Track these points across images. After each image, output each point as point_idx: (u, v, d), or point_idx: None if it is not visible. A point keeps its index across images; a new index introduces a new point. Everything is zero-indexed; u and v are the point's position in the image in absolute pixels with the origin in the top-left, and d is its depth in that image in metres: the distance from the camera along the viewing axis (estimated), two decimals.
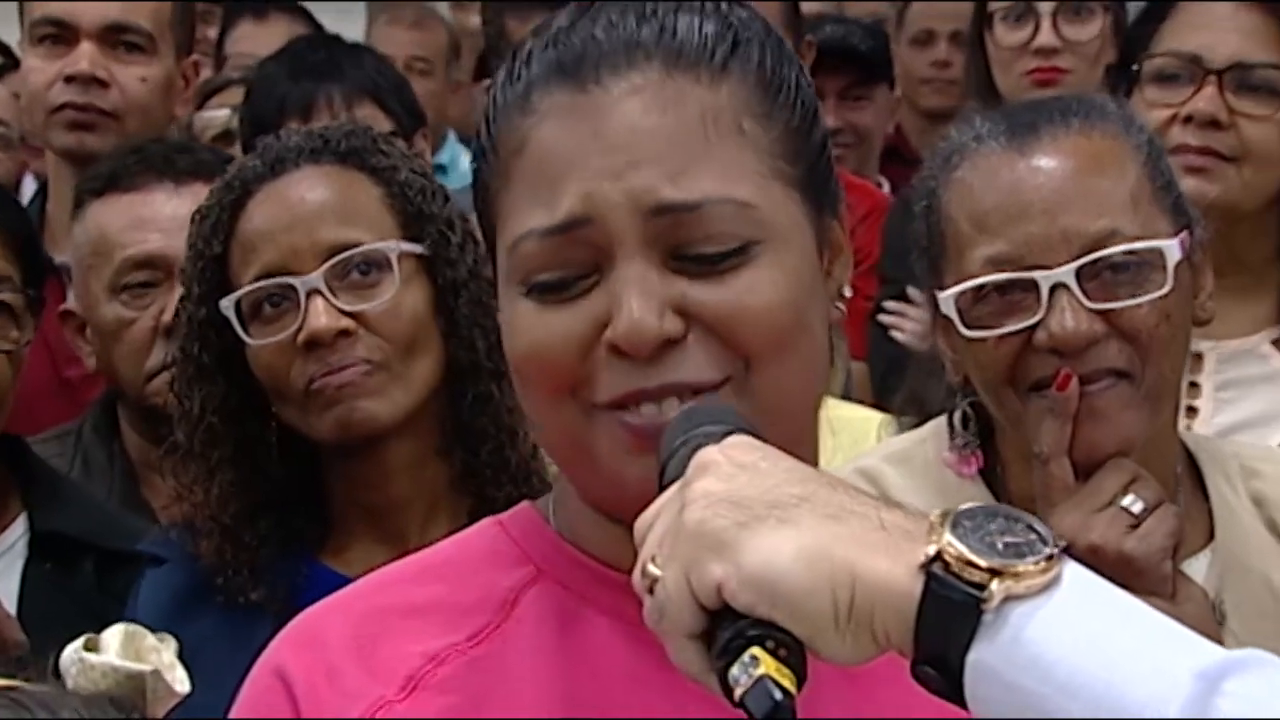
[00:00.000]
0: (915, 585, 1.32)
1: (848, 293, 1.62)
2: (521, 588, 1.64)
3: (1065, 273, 2.13)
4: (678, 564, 1.37)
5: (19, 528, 2.61)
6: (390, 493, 2.31)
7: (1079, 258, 2.14)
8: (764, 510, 1.36)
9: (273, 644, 1.62)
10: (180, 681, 1.46)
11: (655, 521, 1.41)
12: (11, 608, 2.45)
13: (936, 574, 1.31)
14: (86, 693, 1.44)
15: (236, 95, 4.07)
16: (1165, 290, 2.14)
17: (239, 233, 2.35)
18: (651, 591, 1.40)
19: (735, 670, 1.35)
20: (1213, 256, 2.45)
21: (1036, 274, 2.13)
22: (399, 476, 2.31)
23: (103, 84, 3.46)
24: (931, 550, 1.31)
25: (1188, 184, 2.45)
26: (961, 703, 1.34)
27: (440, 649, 1.60)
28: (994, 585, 1.30)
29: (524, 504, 1.71)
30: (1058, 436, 2.09)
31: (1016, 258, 2.15)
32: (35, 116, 3.54)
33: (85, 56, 3.46)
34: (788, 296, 1.53)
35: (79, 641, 1.44)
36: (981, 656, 1.31)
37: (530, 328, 1.54)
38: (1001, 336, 2.11)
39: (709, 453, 1.41)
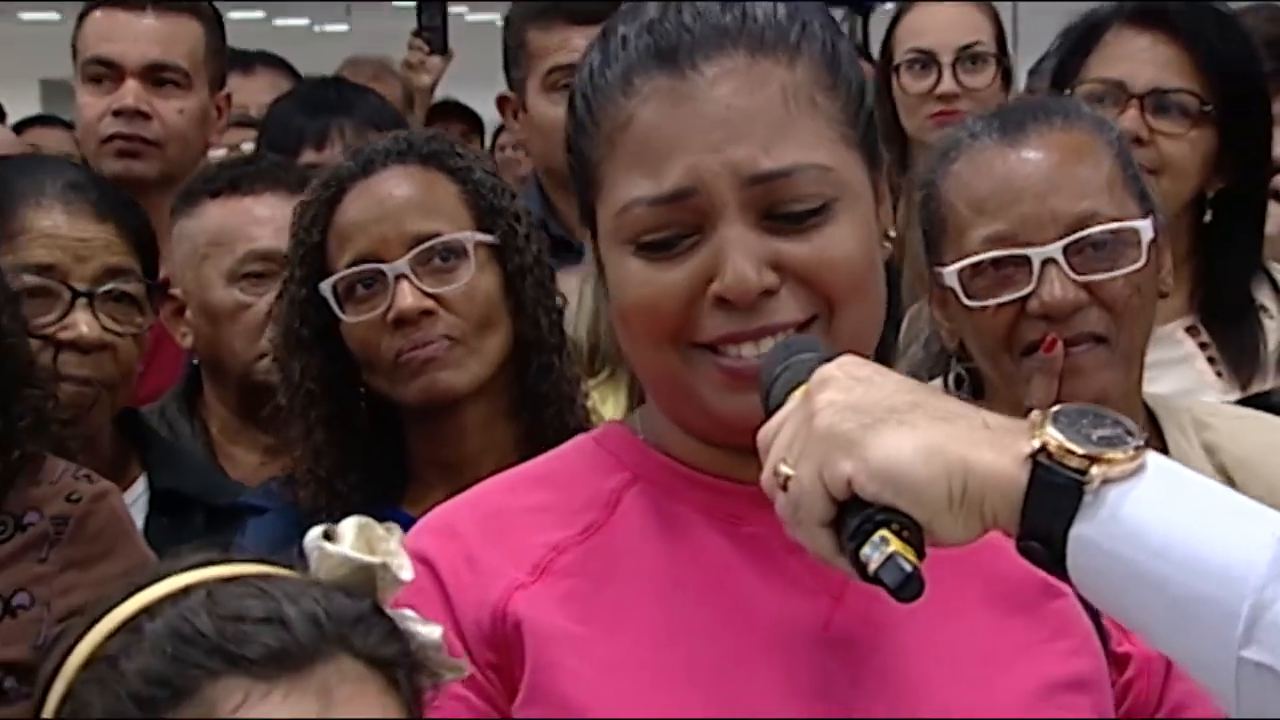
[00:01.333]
0: (1022, 473, 1.40)
1: (892, 233, 1.72)
2: (622, 489, 1.71)
3: (1054, 249, 2.23)
4: (811, 462, 1.46)
5: (140, 487, 2.73)
6: (464, 450, 2.42)
7: (1065, 236, 2.24)
8: (884, 414, 1.45)
9: (410, 536, 1.63)
10: (404, 569, 1.49)
11: (781, 430, 1.50)
12: None
13: (1042, 462, 1.39)
14: (326, 580, 1.47)
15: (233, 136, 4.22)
16: (1140, 264, 2.25)
17: (335, 224, 2.47)
18: (784, 489, 1.48)
19: (867, 549, 1.43)
20: None
21: (1029, 250, 2.23)
22: (472, 436, 2.44)
23: (145, 116, 3.65)
24: (1037, 443, 1.39)
25: None
26: (1063, 572, 1.42)
27: (559, 540, 1.67)
28: (1093, 470, 1.38)
29: (611, 422, 1.80)
30: (1046, 392, 2.16)
31: (1011, 236, 2.25)
32: (88, 146, 3.71)
33: (130, 92, 3.66)
34: (863, 247, 1.64)
35: (318, 530, 1.48)
36: (1083, 531, 1.39)
37: (640, 282, 1.63)
38: (999, 305, 2.20)
39: (828, 369, 1.50)
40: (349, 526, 1.46)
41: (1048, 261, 2.23)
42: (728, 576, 1.66)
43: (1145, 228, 2.27)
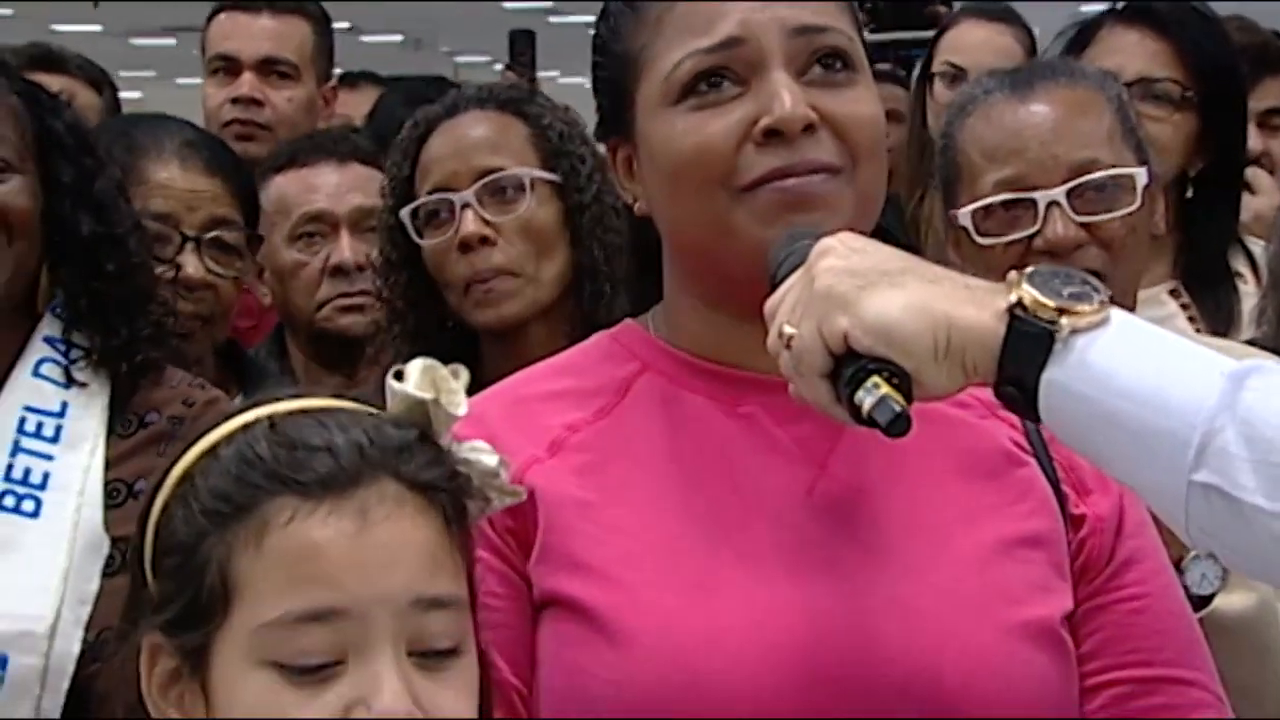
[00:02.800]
0: (1000, 325, 1.47)
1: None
2: (632, 377, 1.78)
3: (1058, 193, 2.31)
4: (811, 320, 1.53)
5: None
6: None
7: (1068, 180, 2.32)
8: (877, 277, 1.51)
9: None
10: (458, 405, 1.53)
11: (785, 297, 1.57)
12: None
13: (1018, 315, 1.46)
14: (393, 414, 1.53)
15: None
16: (1134, 207, 2.34)
17: (421, 159, 2.63)
18: (788, 347, 1.55)
19: (860, 394, 1.50)
20: None
21: (1035, 194, 2.32)
22: (536, 354, 2.38)
23: (259, 104, 3.99)
24: (1014, 298, 1.46)
25: None
26: (1035, 415, 1.48)
27: (574, 420, 1.75)
28: (1063, 321, 1.45)
29: (627, 320, 1.85)
30: None
31: (1019, 180, 2.33)
32: (211, 130, 3.85)
33: (246, 83, 4.00)
34: (879, 112, 1.73)
35: (393, 370, 1.54)
36: (1053, 376, 1.46)
37: (689, 131, 1.69)
38: (1007, 244, 2.29)
39: (827, 241, 1.58)
40: (415, 367, 1.53)
41: (1052, 204, 2.32)
42: (724, 450, 1.72)
43: (1140, 174, 2.35)
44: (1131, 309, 2.34)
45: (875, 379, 1.49)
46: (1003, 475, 1.73)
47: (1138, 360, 1.45)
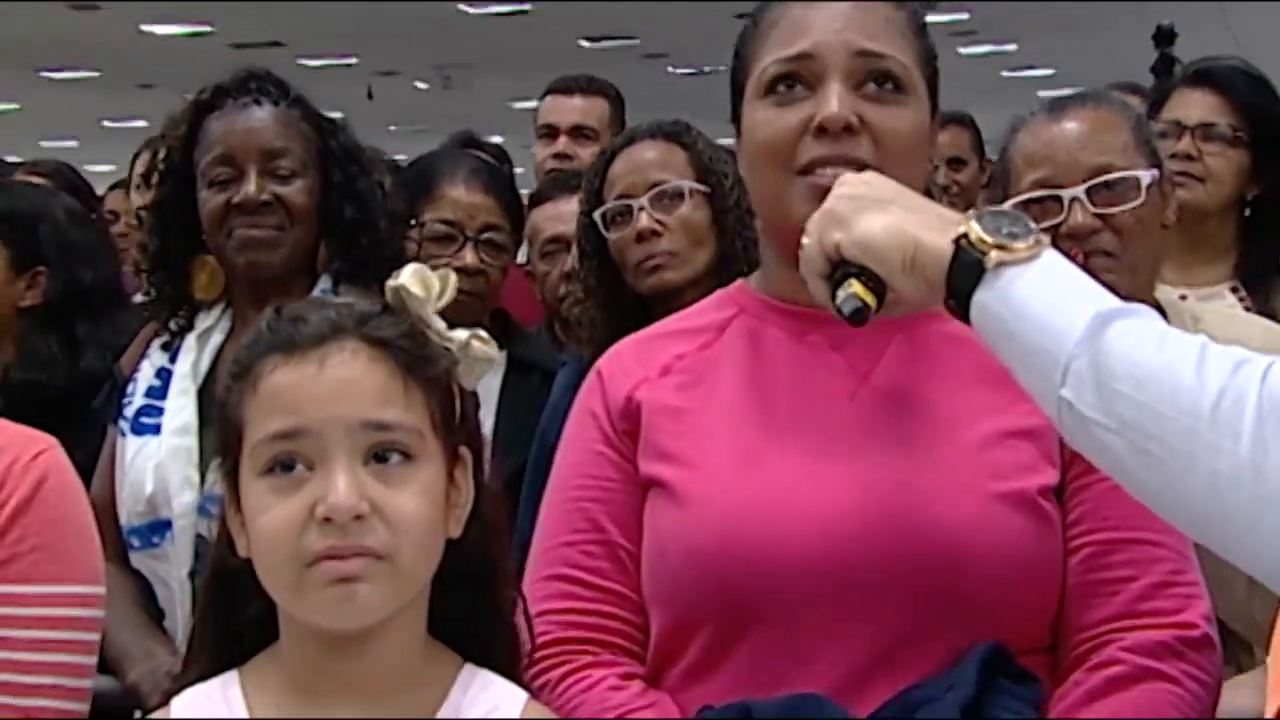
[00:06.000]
0: (950, 250, 1.54)
1: (935, 163, 1.90)
2: (730, 319, 1.90)
3: (1079, 190, 2.46)
4: (816, 233, 1.62)
5: (502, 357, 3.11)
6: None
7: (1087, 180, 2.46)
8: (870, 203, 1.60)
9: (601, 359, 1.94)
10: (432, 297, 1.63)
11: (814, 217, 1.66)
12: (494, 401, 3.08)
13: (962, 244, 1.53)
14: (383, 303, 1.64)
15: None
16: (1139, 202, 2.46)
17: (608, 175, 2.96)
18: (803, 250, 1.64)
19: (839, 292, 1.59)
20: (1190, 239, 2.93)
21: (1061, 191, 2.46)
22: None
23: (570, 158, 4.39)
24: (963, 230, 1.54)
25: (1180, 194, 2.77)
26: (968, 323, 1.54)
27: (683, 351, 1.89)
28: (994, 254, 1.52)
29: (739, 279, 1.97)
30: None
31: (1050, 180, 2.48)
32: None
33: (561, 145, 4.49)
34: (919, 133, 1.81)
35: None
36: (981, 296, 1.53)
37: (767, 122, 1.80)
38: (1041, 230, 2.34)
39: (847, 175, 1.68)
40: (407, 269, 1.65)
41: (1074, 199, 2.46)
42: (789, 369, 1.83)
43: (1145, 176, 2.48)
44: (1147, 282, 2.54)
45: (852, 281, 1.57)
46: (1008, 383, 1.69)
47: (1044, 292, 1.49)
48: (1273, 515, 1.34)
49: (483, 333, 1.64)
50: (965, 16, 15.49)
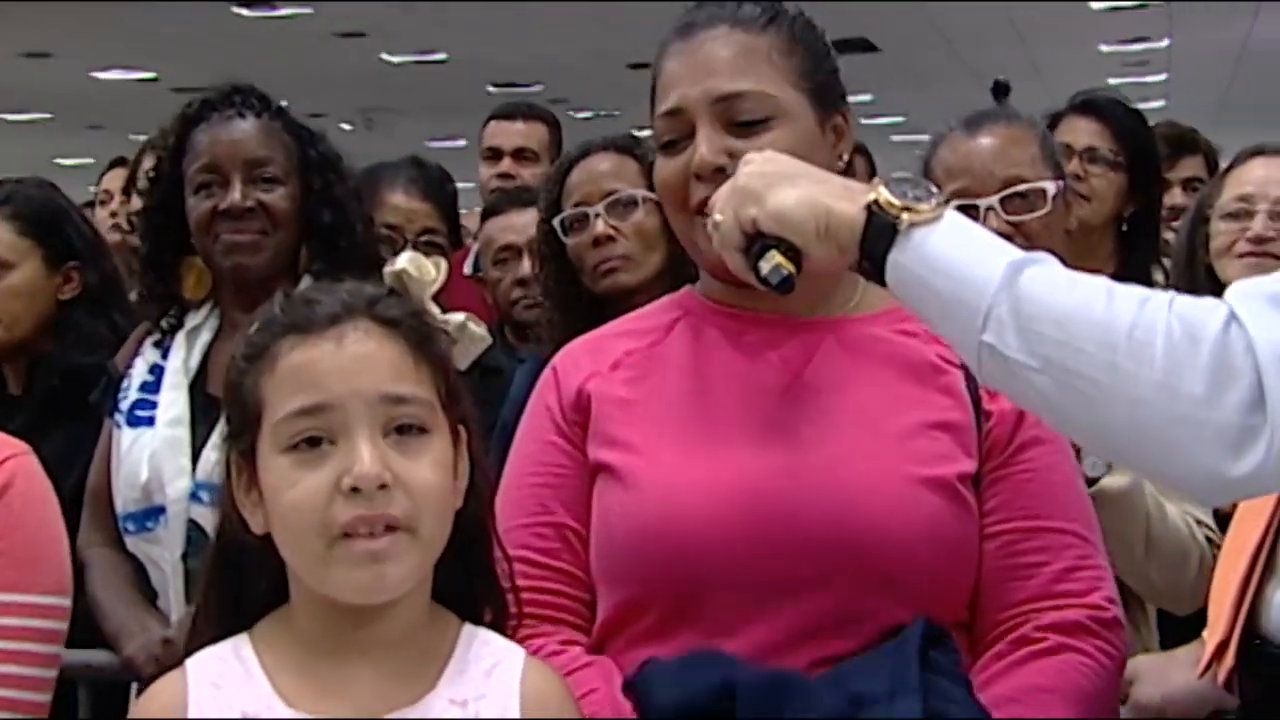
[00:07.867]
0: (862, 216, 1.54)
1: (845, 158, 1.85)
2: (676, 320, 1.92)
3: (993, 200, 2.55)
4: (730, 208, 1.61)
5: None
6: None
7: (1000, 191, 2.55)
8: (779, 179, 1.59)
9: (555, 358, 1.92)
10: (427, 280, 1.62)
11: (720, 194, 1.65)
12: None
13: (874, 210, 1.53)
14: (386, 286, 1.64)
15: None
16: (1047, 210, 2.55)
17: (566, 185, 2.95)
18: (717, 229, 1.63)
19: (762, 264, 1.58)
20: (1076, 251, 2.75)
21: (977, 200, 2.54)
22: None
23: (512, 177, 4.45)
24: (873, 196, 1.53)
25: (1077, 210, 2.89)
26: (884, 283, 1.54)
27: (631, 348, 1.89)
28: (904, 215, 1.51)
29: (686, 285, 1.97)
30: None
31: (966, 191, 2.56)
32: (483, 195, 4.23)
33: (505, 166, 4.54)
34: (800, 148, 1.75)
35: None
36: (896, 257, 1.53)
37: (661, 169, 1.85)
38: None
39: (751, 154, 1.65)
40: (404, 255, 1.71)
41: (989, 208, 2.55)
42: (730, 365, 1.83)
43: (1051, 187, 2.56)
44: None
45: (773, 252, 1.57)
46: (931, 380, 1.80)
47: (955, 249, 1.50)
48: (1186, 434, 1.36)
49: (474, 315, 1.65)
50: None
